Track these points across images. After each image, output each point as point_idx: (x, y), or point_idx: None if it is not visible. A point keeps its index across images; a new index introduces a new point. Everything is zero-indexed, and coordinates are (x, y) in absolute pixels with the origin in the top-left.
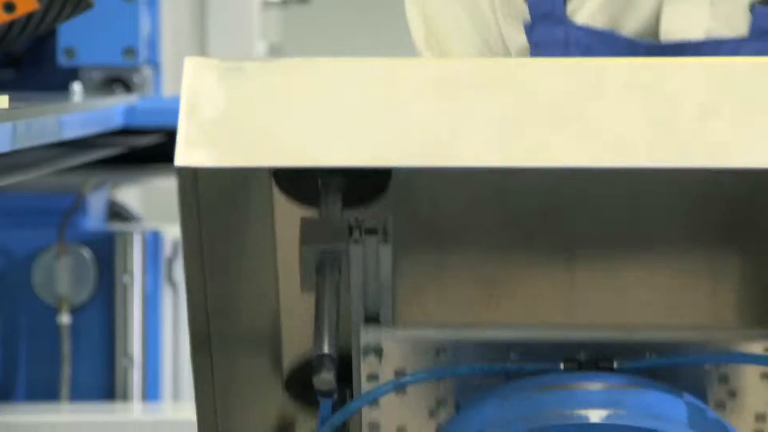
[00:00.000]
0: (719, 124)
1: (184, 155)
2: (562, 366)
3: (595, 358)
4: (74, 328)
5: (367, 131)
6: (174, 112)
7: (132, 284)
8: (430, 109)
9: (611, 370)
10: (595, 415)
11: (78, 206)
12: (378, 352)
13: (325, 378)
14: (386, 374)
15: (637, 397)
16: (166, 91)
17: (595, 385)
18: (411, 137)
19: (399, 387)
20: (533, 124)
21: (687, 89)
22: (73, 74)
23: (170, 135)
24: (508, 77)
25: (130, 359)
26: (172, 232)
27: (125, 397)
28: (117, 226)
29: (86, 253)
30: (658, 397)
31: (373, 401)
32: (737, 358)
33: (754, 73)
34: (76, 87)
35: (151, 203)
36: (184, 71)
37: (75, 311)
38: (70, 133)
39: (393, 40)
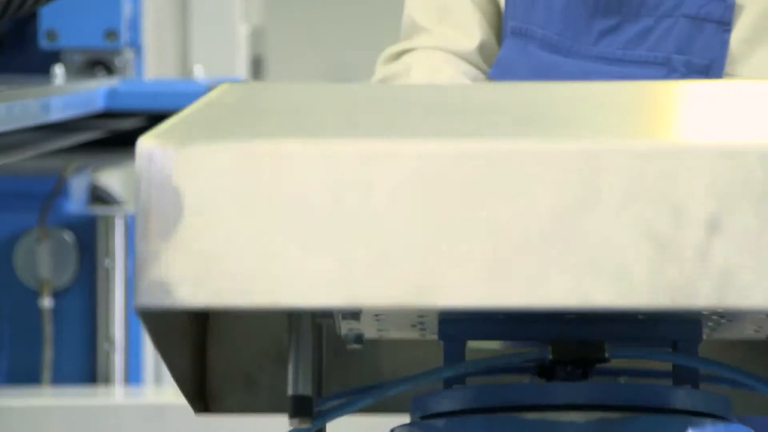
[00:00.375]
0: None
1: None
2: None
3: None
4: (56, 311)
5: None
6: (156, 95)
7: (114, 268)
8: (408, 239)
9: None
10: None
11: (59, 189)
12: None
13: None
14: None
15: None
16: (148, 74)
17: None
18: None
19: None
20: (522, 253)
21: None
22: (54, 57)
23: (152, 118)
24: (493, 183)
25: (112, 343)
26: None
27: (107, 380)
28: (99, 210)
29: (68, 236)
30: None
31: None
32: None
33: None
34: (58, 70)
35: (134, 186)
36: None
37: (57, 295)
38: (52, 116)
39: (376, 21)
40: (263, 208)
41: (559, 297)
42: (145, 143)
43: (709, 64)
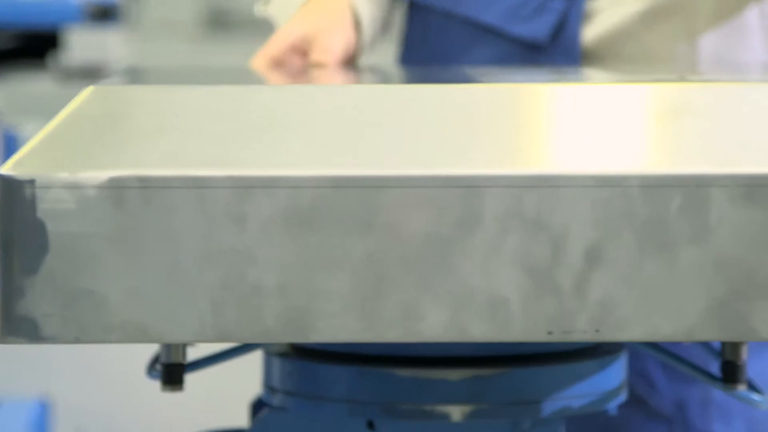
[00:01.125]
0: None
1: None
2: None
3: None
4: None
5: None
6: (31, 12)
7: None
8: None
9: None
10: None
11: None
12: None
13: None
14: None
15: None
16: None
17: None
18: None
19: None
20: (396, 285)
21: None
22: None
23: (27, 36)
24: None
25: None
26: (30, 130)
27: None
28: None
29: None
30: None
31: None
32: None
33: None
34: None
35: (9, 103)
36: None
37: None
38: None
39: None
40: (130, 242)
41: (434, 332)
42: (6, 173)
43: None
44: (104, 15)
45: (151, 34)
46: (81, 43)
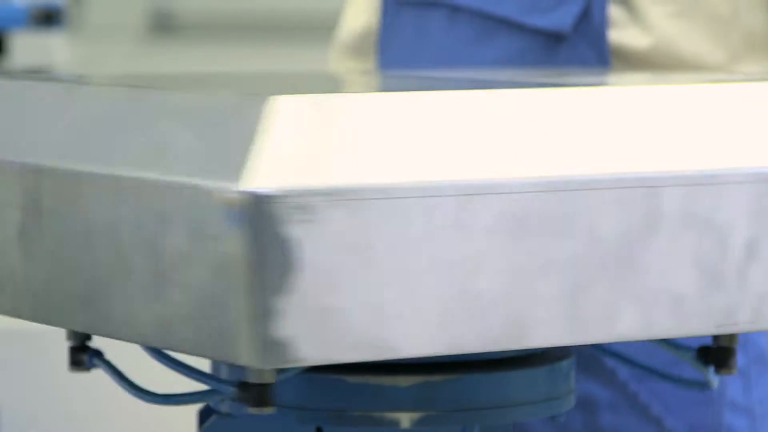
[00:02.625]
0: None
1: None
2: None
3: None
4: None
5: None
6: None
7: None
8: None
9: None
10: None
11: None
12: None
13: None
14: None
15: None
16: None
17: None
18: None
19: None
20: (595, 287)
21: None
22: None
23: None
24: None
25: None
26: None
27: None
28: None
29: None
30: None
31: None
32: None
33: None
34: None
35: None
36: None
37: None
38: None
39: None
40: (367, 256)
41: (630, 332)
42: (255, 189)
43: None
44: (49, 19)
45: (96, 37)
46: (25, 48)
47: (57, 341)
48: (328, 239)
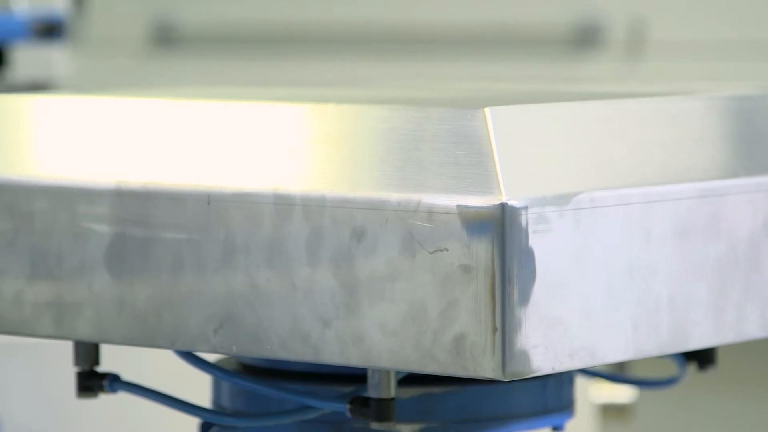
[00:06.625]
0: None
1: None
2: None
3: None
4: None
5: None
6: None
7: None
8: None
9: None
10: None
11: None
12: None
13: None
14: None
15: None
16: None
17: None
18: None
19: None
20: (729, 290)
21: None
22: None
23: None
24: None
25: None
26: None
27: None
28: None
29: None
30: None
31: None
32: None
33: None
34: None
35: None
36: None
37: None
38: None
39: None
40: (584, 264)
41: (755, 332)
42: (508, 201)
43: None
44: (50, 32)
45: (98, 50)
46: (27, 60)
47: (57, 353)
48: (558, 249)
